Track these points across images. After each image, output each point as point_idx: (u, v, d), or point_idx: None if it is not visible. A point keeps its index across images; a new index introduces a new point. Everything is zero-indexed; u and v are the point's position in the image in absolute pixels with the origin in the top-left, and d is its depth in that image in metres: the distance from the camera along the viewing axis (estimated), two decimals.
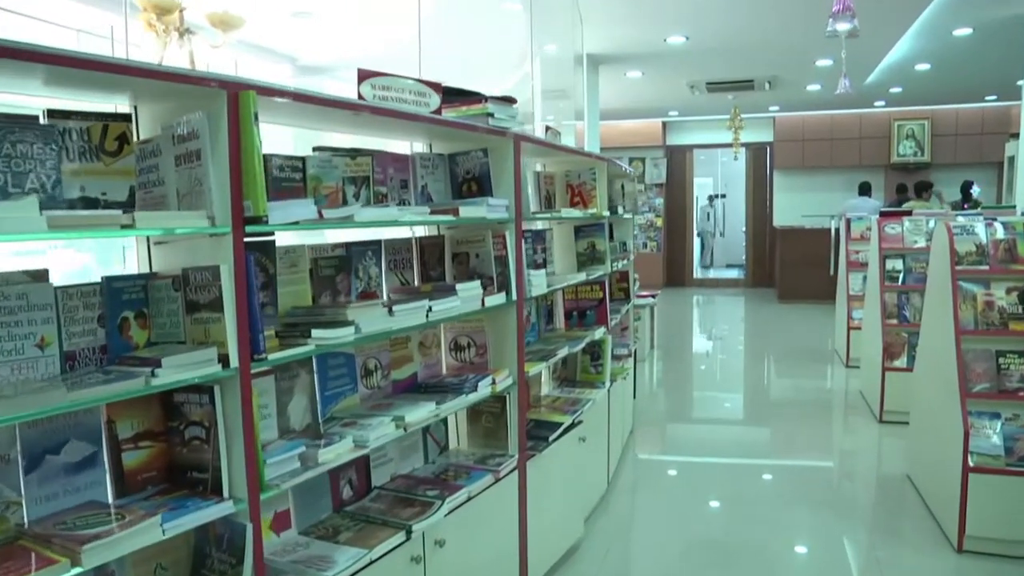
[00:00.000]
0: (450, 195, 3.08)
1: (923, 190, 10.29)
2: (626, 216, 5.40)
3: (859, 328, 7.32)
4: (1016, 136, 11.30)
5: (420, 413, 2.47)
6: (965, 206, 9.48)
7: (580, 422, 3.70)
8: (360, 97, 2.39)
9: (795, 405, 6.66)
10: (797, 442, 5.61)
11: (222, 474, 1.87)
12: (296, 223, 2.00)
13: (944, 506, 3.87)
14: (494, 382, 2.86)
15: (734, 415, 6.56)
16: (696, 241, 16.32)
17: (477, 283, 2.78)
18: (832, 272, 10.97)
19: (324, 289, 2.55)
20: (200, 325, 1.90)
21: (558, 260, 4.32)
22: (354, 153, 2.64)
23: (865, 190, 11.58)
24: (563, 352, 3.51)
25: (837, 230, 10.86)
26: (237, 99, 1.82)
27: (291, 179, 2.41)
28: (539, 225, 4.27)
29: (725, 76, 9.92)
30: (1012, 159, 11.66)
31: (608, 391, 4.35)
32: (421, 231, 3.17)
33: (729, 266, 18.01)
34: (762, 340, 10.20)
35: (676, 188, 15.48)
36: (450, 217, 2.62)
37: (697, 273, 16.38)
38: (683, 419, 6.43)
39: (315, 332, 2.07)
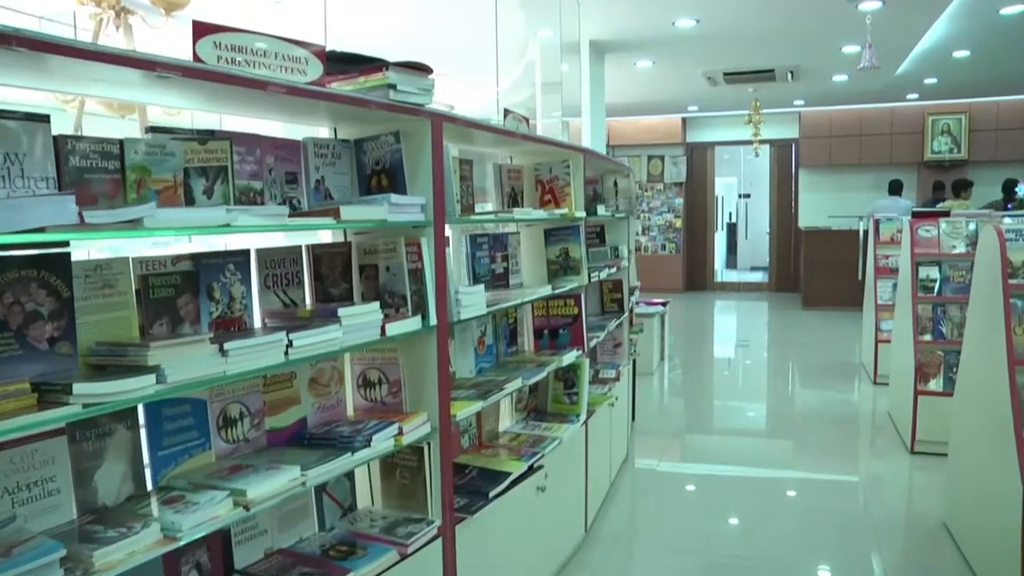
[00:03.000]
0: (357, 191, 2.44)
1: (962, 189, 9.47)
2: (619, 217, 4.72)
3: (888, 341, 6.58)
4: None
5: (273, 484, 1.82)
6: (1009, 206, 8.66)
7: (539, 468, 3.04)
8: (196, 58, 1.76)
9: (815, 427, 5.93)
10: (816, 473, 4.90)
11: None
12: (40, 230, 1.37)
13: (996, 574, 3.15)
14: (400, 432, 2.21)
15: (747, 437, 5.83)
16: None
17: (373, 306, 2.13)
18: (860, 277, 10.21)
19: (159, 316, 1.92)
20: None
21: (527, 270, 3.66)
22: (204, 136, 2.00)
23: (896, 189, 10.79)
24: (512, 386, 2.84)
25: (866, 232, 10.11)
26: None
27: (101, 170, 1.79)
28: (509, 228, 3.63)
29: (743, 65, 9.17)
30: None
31: (586, 424, 3.69)
32: (327, 236, 2.54)
33: (753, 268, 17.22)
34: (782, 351, 9.45)
35: (697, 187, 14.74)
36: (328, 221, 1.97)
37: (719, 276, 15.63)
38: (687, 442, 5.72)
39: (79, 387, 1.44)
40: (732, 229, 18.45)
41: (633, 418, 5.76)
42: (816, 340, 9.58)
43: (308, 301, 2.38)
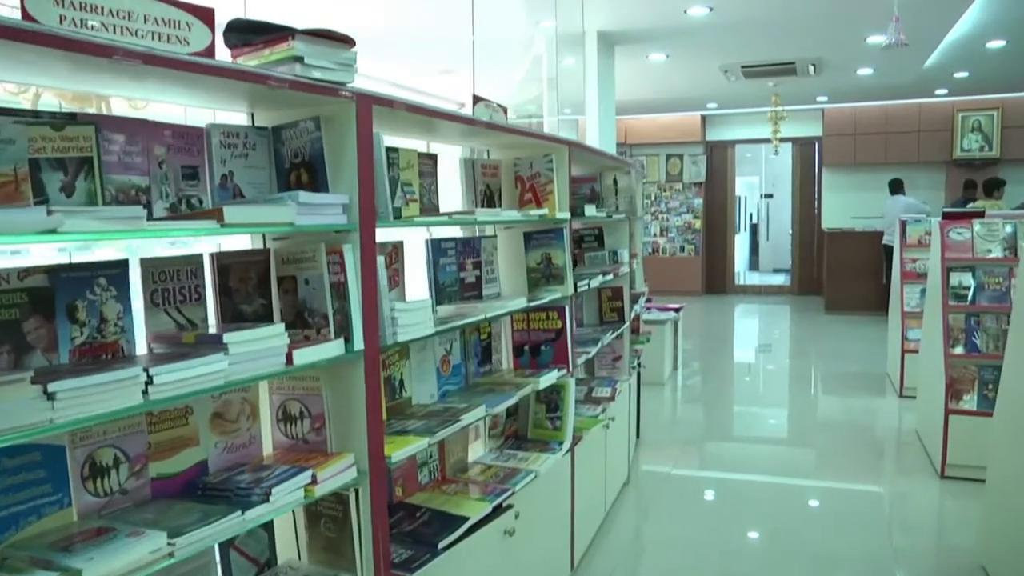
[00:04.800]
0: (275, 188, 2.06)
1: (994, 188, 8.94)
2: (618, 218, 4.31)
3: (915, 352, 6.10)
4: None
5: (124, 558, 1.43)
6: None
7: (508, 507, 2.64)
8: (27, 17, 1.38)
9: (835, 444, 5.47)
10: (835, 497, 4.45)
11: None
12: None
13: None
14: (313, 480, 1.81)
15: (761, 453, 5.34)
16: None
17: (275, 328, 1.74)
18: (885, 281, 9.72)
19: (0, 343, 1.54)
20: None
21: (505, 278, 3.26)
22: (61, 120, 1.63)
23: (896, 188, 10.25)
24: (472, 416, 2.44)
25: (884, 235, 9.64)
26: None
27: None
28: (489, 231, 3.24)
29: (762, 58, 8.69)
30: None
31: (571, 452, 3.28)
32: (243, 242, 2.15)
33: (776, 271, 16.70)
34: (803, 359, 8.96)
35: (717, 187, 14.26)
36: (208, 225, 1.58)
37: (741, 279, 15.14)
38: (696, 459, 5.26)
39: None
40: (755, 230, 17.97)
41: (637, 435, 5.34)
42: (838, 347, 9.08)
43: (213, 321, 2.00)
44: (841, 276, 11.21)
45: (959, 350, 4.64)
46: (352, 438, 1.99)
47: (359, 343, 1.92)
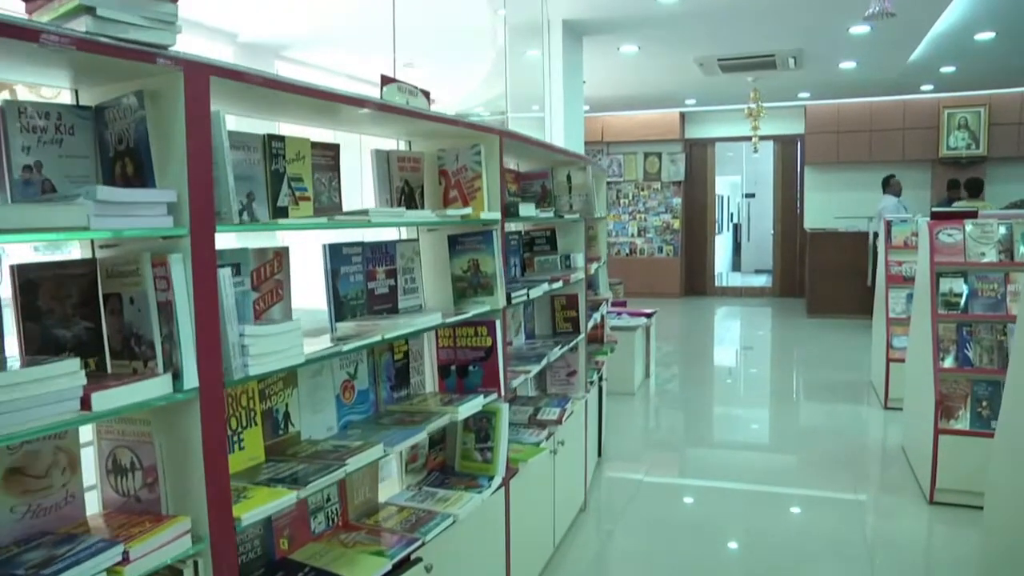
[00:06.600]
0: (99, 179, 1.65)
1: (980, 189, 8.61)
2: (570, 218, 3.91)
3: (901, 360, 5.73)
4: None
5: None
6: None
7: (417, 560, 2.24)
8: None
9: (814, 465, 5.09)
10: (815, 527, 4.06)
11: None
12: None
13: None
14: (124, 558, 1.40)
15: (736, 471, 4.91)
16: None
17: (64, 364, 1.33)
18: (869, 283, 9.37)
19: None
20: None
21: (431, 288, 2.86)
22: None
23: (886, 186, 9.93)
24: (363, 459, 2.02)
25: (875, 234, 9.30)
26: None
27: None
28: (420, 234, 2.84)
29: (739, 50, 8.30)
30: None
31: (506, 486, 2.87)
32: (75, 250, 1.74)
33: (758, 271, 16.37)
34: (783, 367, 8.60)
35: (696, 186, 13.88)
36: None
37: (723, 280, 14.80)
38: (660, 479, 4.86)
39: None
40: (736, 230, 17.67)
41: (599, 454, 4.95)
42: (820, 354, 8.70)
43: (14, 352, 1.58)
44: (824, 278, 10.85)
45: (949, 362, 4.25)
46: (191, 496, 1.58)
47: (191, 380, 1.51)
